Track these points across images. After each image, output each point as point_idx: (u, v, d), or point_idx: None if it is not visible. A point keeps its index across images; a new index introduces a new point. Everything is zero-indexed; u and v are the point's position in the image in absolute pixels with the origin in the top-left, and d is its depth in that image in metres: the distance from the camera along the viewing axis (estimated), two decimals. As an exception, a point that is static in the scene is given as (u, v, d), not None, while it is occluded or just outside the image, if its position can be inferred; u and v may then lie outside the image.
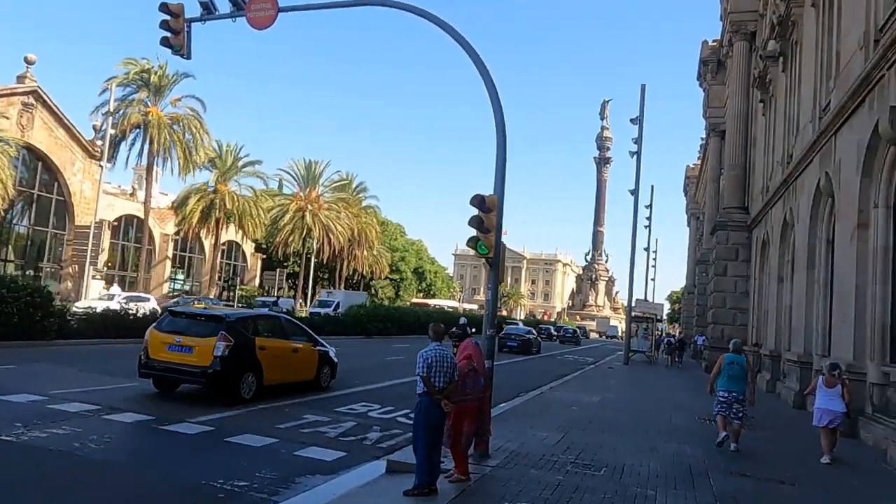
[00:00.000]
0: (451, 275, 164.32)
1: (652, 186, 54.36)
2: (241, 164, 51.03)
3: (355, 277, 74.22)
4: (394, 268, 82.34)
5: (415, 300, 77.37)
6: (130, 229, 59.27)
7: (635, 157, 31.97)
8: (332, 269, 69.06)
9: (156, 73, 42.32)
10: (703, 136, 61.54)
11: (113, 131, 40.50)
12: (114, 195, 57.06)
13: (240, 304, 42.00)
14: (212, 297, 52.85)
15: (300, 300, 57.58)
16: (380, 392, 14.28)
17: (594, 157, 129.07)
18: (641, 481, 7.59)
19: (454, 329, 8.47)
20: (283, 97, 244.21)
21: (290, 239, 58.06)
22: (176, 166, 44.50)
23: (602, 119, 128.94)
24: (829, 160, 15.66)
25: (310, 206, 58.51)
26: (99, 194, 43.99)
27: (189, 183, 48.69)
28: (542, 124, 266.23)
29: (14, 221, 46.06)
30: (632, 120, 32.03)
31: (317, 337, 14.75)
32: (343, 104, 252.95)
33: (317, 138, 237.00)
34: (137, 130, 42.69)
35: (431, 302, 75.22)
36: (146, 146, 42.44)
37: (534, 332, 40.26)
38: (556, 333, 60.20)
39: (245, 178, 52.20)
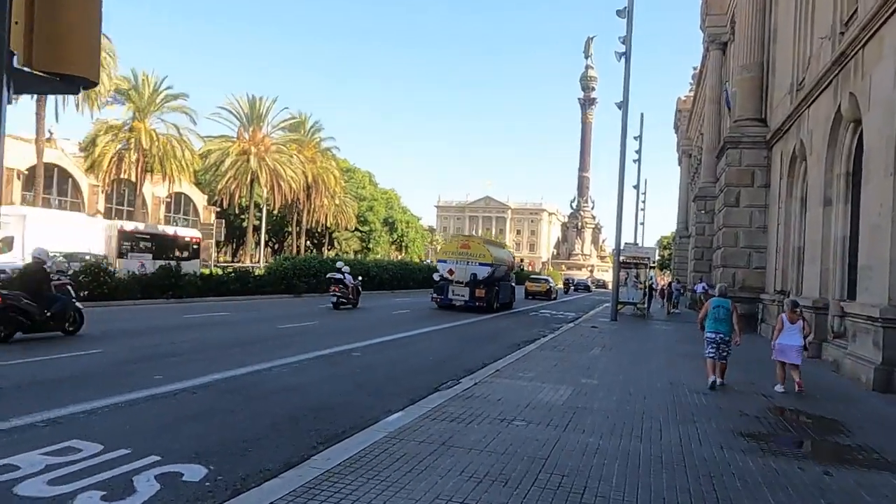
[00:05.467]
0: (435, 227, 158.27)
1: (641, 115, 47.44)
2: (161, 97, 43.44)
3: (319, 229, 67.49)
4: (361, 219, 75.53)
5: None
6: (52, 181, 51.94)
7: (623, 58, 25.13)
8: (292, 221, 62.29)
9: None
10: (695, 66, 54.86)
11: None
12: (25, 140, 49.54)
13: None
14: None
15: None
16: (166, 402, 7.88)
17: (578, 99, 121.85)
18: None
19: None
20: (224, 33, 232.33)
21: (234, 186, 51.00)
22: (81, 98, 37.01)
23: (586, 58, 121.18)
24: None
25: (254, 149, 51.28)
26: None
27: (101, 119, 41.18)
28: (523, 68, 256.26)
29: None
30: (618, 12, 25.11)
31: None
32: (296, 43, 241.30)
33: (266, 82, 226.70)
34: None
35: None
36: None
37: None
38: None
39: (170, 114, 44.73)
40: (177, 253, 34.99)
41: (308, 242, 68.32)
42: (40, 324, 12.50)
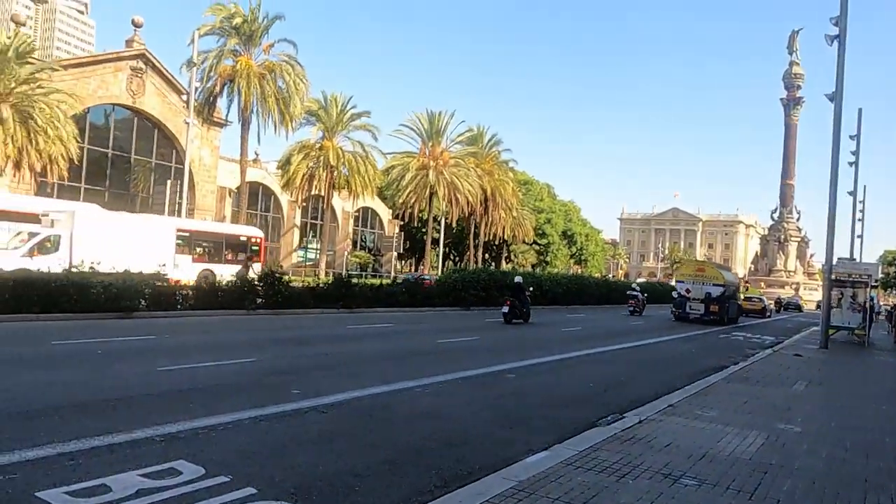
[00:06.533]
0: (618, 240, 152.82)
1: (859, 110, 41.04)
2: (347, 116, 45.98)
3: (496, 241, 67.53)
4: (539, 231, 74.33)
5: None
6: (257, 197, 57.29)
7: (835, 42, 21.56)
8: (470, 234, 62.97)
9: (244, 18, 38.10)
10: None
11: (198, 85, 36.86)
12: (235, 161, 55.17)
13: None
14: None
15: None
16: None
17: (781, 99, 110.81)
18: None
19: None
20: (397, 49, 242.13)
21: (413, 200, 52.53)
22: (278, 121, 40.28)
23: (791, 53, 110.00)
24: None
25: (433, 163, 52.47)
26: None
27: (295, 140, 44.62)
28: (717, 64, 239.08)
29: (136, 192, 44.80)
30: (830, -11, 21.66)
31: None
32: (474, 57, 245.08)
33: (445, 98, 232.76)
34: (231, 84, 38.85)
35: None
36: (239, 101, 38.52)
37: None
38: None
39: (355, 132, 47.23)
40: (229, 255, 30.80)
41: (486, 255, 68.61)
42: (521, 316, 22.27)
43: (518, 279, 24.36)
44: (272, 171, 54.76)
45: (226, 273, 25.51)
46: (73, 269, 16.61)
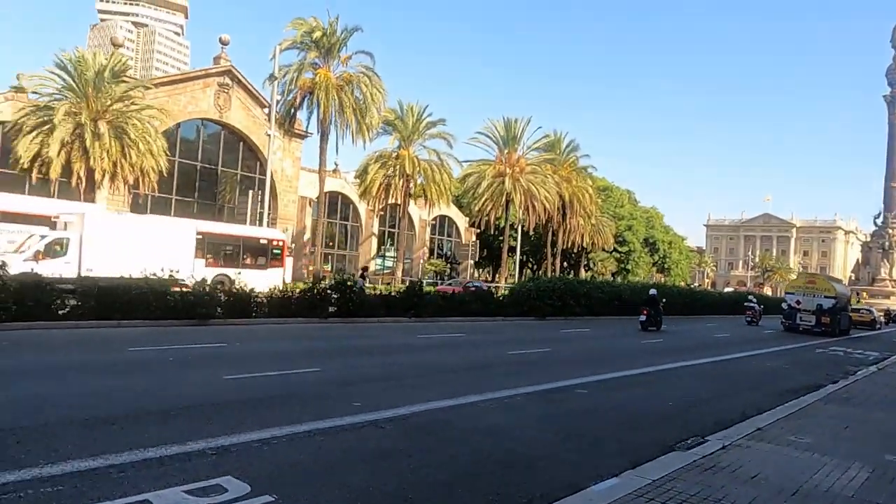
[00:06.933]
0: (704, 248, 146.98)
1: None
2: (423, 125, 46.16)
3: (574, 249, 66.06)
4: (619, 239, 72.22)
5: None
6: (336, 206, 58.39)
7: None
8: (548, 242, 61.93)
9: (323, 31, 38.94)
10: None
11: (279, 98, 37.95)
12: (316, 172, 56.42)
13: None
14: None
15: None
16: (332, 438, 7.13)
17: (884, 96, 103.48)
18: None
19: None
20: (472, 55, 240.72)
21: (490, 208, 52.11)
22: (355, 132, 40.94)
23: (894, 47, 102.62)
24: None
25: (509, 170, 51.89)
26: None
27: (372, 149, 45.24)
28: (812, 60, 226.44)
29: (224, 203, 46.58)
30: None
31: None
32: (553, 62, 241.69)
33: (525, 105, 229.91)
34: (310, 97, 39.80)
35: None
36: (318, 112, 39.37)
37: None
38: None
39: (431, 141, 47.38)
40: (248, 259, 28.75)
41: (564, 263, 67.30)
42: (655, 324, 24.31)
43: (653, 292, 26.73)
44: (350, 181, 55.73)
45: (243, 279, 23.49)
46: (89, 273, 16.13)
